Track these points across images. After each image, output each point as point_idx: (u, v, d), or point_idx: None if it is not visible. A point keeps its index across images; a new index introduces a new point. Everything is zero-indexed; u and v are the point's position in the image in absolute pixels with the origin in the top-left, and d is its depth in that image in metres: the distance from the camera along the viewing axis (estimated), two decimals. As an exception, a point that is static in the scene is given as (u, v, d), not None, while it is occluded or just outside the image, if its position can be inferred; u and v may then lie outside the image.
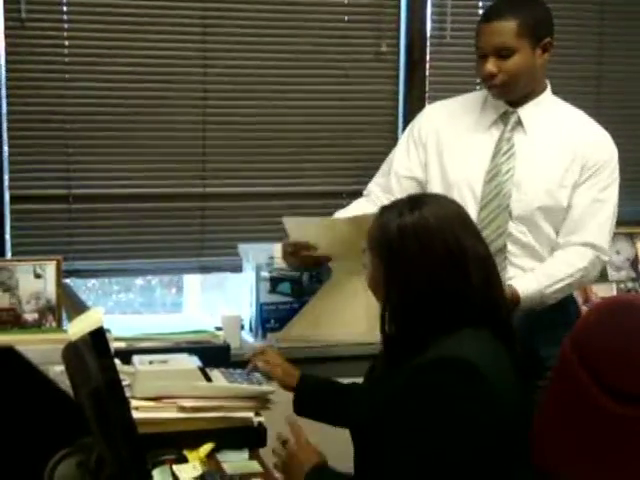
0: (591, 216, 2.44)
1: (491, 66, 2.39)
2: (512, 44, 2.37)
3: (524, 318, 2.37)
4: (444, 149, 2.52)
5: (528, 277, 2.41)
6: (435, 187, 2.48)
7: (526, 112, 2.48)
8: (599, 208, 2.46)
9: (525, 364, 2.27)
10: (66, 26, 2.82)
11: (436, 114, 2.59)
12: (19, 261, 2.71)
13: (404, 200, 1.83)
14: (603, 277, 3.03)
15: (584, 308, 2.71)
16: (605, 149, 2.50)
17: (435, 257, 1.72)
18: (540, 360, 2.30)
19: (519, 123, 2.49)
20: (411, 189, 2.45)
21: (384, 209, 1.83)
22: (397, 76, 3.11)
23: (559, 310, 2.44)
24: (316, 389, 2.16)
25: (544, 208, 2.44)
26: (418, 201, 1.80)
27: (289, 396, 2.17)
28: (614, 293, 3.17)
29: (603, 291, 3.13)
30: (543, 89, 2.51)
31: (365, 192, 2.65)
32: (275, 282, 2.88)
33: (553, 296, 2.41)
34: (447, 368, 1.66)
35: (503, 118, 2.49)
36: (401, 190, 2.46)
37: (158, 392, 2.05)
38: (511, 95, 2.46)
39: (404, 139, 2.62)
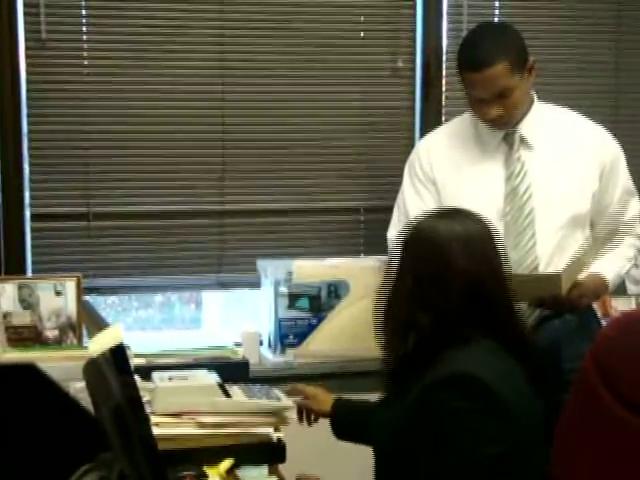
0: (624, 210, 2.53)
1: (496, 110, 2.41)
2: (510, 84, 2.39)
3: (548, 333, 2.39)
4: (454, 181, 2.53)
5: (608, 262, 2.45)
6: None
7: (526, 129, 2.50)
8: (627, 200, 2.56)
9: (549, 378, 2.30)
10: (85, 46, 2.85)
11: (432, 148, 2.60)
12: (40, 279, 2.73)
13: (437, 210, 1.90)
14: (622, 291, 3.02)
15: (603, 322, 2.70)
16: (611, 144, 2.57)
17: (423, 268, 1.75)
18: (562, 374, 2.31)
19: (523, 141, 2.50)
20: None
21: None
22: (414, 92, 3.11)
23: (582, 325, 2.45)
24: (350, 412, 2.17)
25: (570, 218, 2.46)
26: (448, 213, 1.83)
27: (308, 412, 2.18)
28: (633, 307, 3.16)
29: (622, 305, 3.11)
30: (532, 101, 2.53)
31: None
32: (293, 298, 2.88)
33: (623, 277, 2.60)
34: (455, 385, 1.67)
35: (506, 139, 2.50)
36: None
37: (178, 408, 2.06)
38: (514, 122, 2.48)
39: (408, 183, 2.61)
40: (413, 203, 2.58)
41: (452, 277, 1.75)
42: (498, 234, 1.88)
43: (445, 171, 2.55)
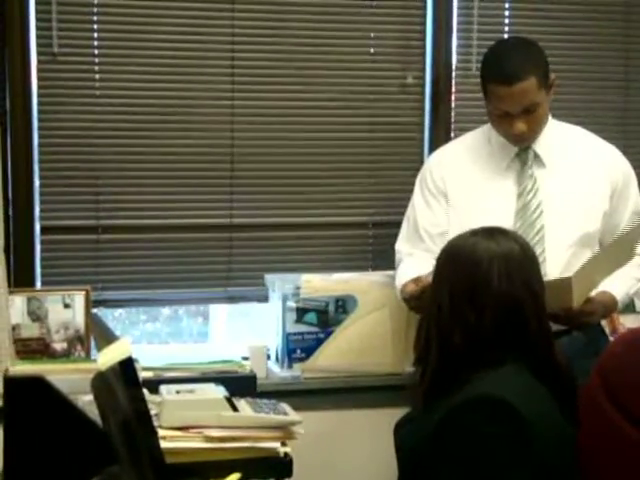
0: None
1: (522, 125, 2.40)
2: (537, 99, 2.40)
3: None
4: (466, 196, 2.53)
5: (617, 281, 2.45)
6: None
7: (541, 146, 2.50)
8: (637, 220, 2.54)
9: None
10: (97, 60, 2.86)
11: (445, 161, 2.61)
12: (48, 291, 2.74)
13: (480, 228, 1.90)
14: (630, 308, 3.01)
15: (611, 339, 2.70)
16: (623, 164, 2.59)
17: (460, 286, 1.75)
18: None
19: (537, 158, 2.50)
20: None
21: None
22: (423, 108, 3.12)
23: (589, 341, 2.45)
24: None
25: (580, 236, 2.46)
26: (490, 232, 1.85)
27: (315, 426, 2.17)
28: (642, 324, 3.15)
29: (630, 322, 3.11)
30: (547, 119, 2.53)
31: (401, 255, 2.63)
32: (301, 312, 2.88)
33: (632, 297, 2.59)
34: (483, 408, 1.66)
35: (519, 156, 2.50)
36: (439, 248, 2.42)
37: (185, 422, 2.06)
38: (535, 139, 2.48)
39: (419, 195, 2.61)
40: (423, 216, 2.58)
41: (489, 298, 1.75)
42: (535, 255, 1.88)
43: (457, 185, 2.55)
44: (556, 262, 2.44)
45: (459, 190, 2.55)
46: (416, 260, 2.54)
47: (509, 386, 1.71)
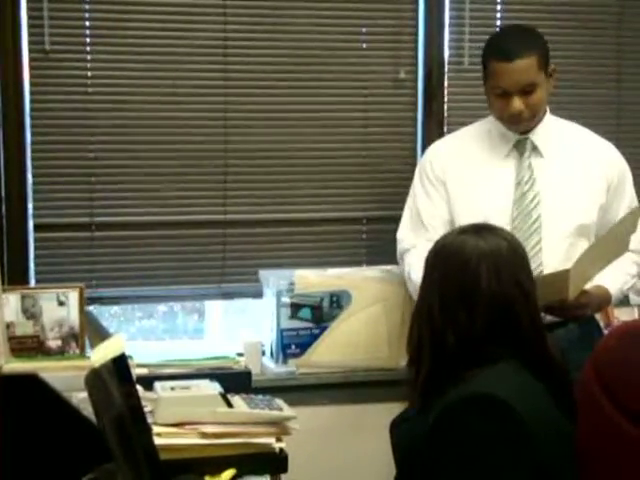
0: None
1: (519, 104, 2.42)
2: (536, 79, 2.41)
3: (551, 342, 2.40)
4: (464, 185, 2.54)
5: (612, 276, 2.46)
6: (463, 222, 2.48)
7: (539, 137, 2.51)
8: (630, 211, 2.54)
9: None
10: (89, 57, 2.86)
11: (444, 152, 2.61)
12: (43, 289, 2.73)
13: (470, 225, 1.88)
14: (625, 301, 3.02)
15: (605, 332, 2.70)
16: (619, 161, 2.61)
17: (450, 286, 1.75)
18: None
19: (534, 148, 2.51)
20: None
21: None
22: (415, 103, 3.12)
23: (584, 335, 2.46)
24: None
25: (576, 227, 2.47)
26: (478, 230, 1.83)
27: (310, 422, 2.17)
28: (636, 317, 3.16)
29: (625, 315, 3.11)
30: (545, 111, 2.54)
31: (405, 245, 2.64)
32: (295, 308, 2.89)
33: (626, 292, 2.60)
34: (478, 406, 1.66)
35: (517, 146, 2.51)
36: None
37: (180, 418, 2.06)
38: (531, 126, 2.49)
39: (419, 186, 2.62)
40: (424, 207, 2.59)
41: (479, 297, 1.74)
42: (525, 250, 1.88)
43: (456, 174, 2.56)
44: (553, 252, 2.45)
45: (458, 179, 2.55)
46: (425, 251, 2.55)
47: (504, 384, 1.70)
